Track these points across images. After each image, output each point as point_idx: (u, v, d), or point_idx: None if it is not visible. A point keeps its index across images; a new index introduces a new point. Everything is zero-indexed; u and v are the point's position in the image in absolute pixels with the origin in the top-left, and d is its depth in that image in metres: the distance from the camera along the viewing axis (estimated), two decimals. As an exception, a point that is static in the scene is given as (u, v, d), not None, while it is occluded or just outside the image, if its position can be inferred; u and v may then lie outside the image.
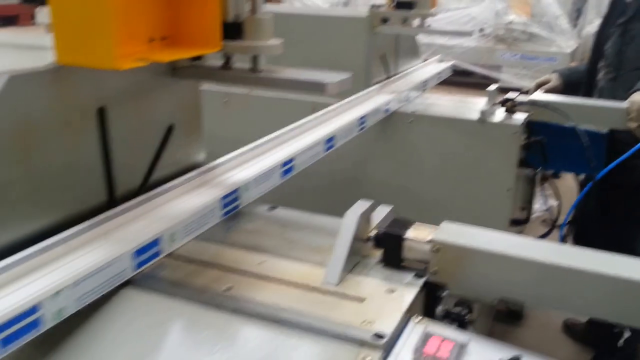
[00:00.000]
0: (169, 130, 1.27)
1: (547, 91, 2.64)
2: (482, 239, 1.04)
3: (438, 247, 1.04)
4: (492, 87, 2.28)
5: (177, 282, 1.05)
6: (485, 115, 2.16)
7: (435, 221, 1.11)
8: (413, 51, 2.97)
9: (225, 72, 1.22)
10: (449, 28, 5.44)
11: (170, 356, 0.91)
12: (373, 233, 1.12)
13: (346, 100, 1.96)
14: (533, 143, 2.21)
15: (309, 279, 1.06)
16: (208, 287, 1.03)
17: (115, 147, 1.14)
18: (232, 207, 1.21)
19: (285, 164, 1.40)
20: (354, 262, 1.11)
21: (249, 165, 1.35)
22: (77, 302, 0.89)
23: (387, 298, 1.00)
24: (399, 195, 2.27)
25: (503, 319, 2.96)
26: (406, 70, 2.72)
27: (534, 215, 2.75)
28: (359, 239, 1.11)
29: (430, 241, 1.05)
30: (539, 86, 2.73)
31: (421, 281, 1.06)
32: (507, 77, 6.01)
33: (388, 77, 2.52)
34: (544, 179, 2.39)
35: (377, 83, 2.36)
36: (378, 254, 1.13)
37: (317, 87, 1.14)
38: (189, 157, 1.37)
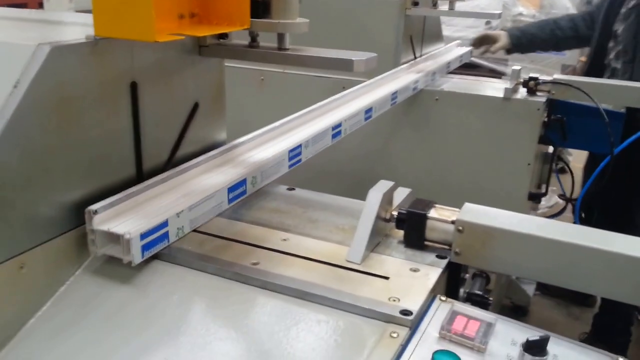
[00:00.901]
0: (195, 107, 1.28)
1: (494, 50, 2.80)
2: (506, 219, 1.05)
3: (462, 228, 1.06)
4: (516, 66, 2.39)
5: (204, 256, 1.06)
6: (509, 93, 2.26)
7: (459, 193, 1.13)
8: (437, 35, 3.04)
9: (252, 50, 1.23)
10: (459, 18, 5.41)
11: (198, 328, 0.92)
12: (395, 213, 1.14)
13: (378, 77, 2.08)
14: (553, 121, 2.31)
15: (333, 257, 1.07)
16: (235, 262, 1.04)
17: (145, 122, 1.15)
18: (296, 160, 1.40)
19: (334, 127, 1.58)
20: (376, 241, 1.12)
21: (304, 128, 1.54)
22: (190, 223, 1.11)
23: (411, 277, 1.02)
24: (424, 169, 2.41)
25: (508, 314, 2.98)
26: (431, 52, 2.80)
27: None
28: (381, 219, 1.12)
29: (454, 221, 1.06)
30: (482, 40, 2.83)
31: (444, 261, 1.07)
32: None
33: (415, 58, 2.61)
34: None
35: (404, 63, 2.44)
36: (399, 234, 1.14)
37: (345, 65, 1.15)
38: (212, 136, 1.38)
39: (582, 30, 2.70)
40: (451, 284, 1.10)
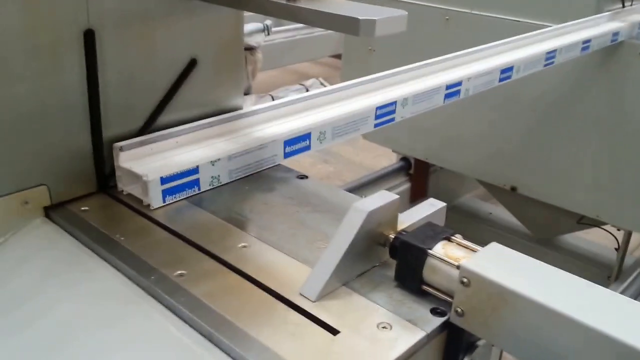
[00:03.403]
0: (190, 64, 1.04)
1: None
2: (535, 279, 0.68)
3: (467, 280, 0.70)
4: None
5: (128, 253, 0.83)
6: None
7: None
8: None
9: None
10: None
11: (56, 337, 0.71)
12: (393, 236, 0.81)
13: (570, 23, 1.86)
14: None
15: (287, 283, 0.78)
16: (157, 268, 0.80)
17: (107, 81, 0.94)
18: (388, 119, 1.25)
19: (504, 70, 1.47)
20: (363, 269, 0.81)
21: (469, 66, 1.45)
22: (230, 173, 1.02)
23: (373, 337, 0.70)
24: (610, 128, 2.12)
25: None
26: None
27: None
28: (375, 240, 0.81)
29: (459, 267, 0.71)
30: None
31: (439, 321, 0.73)
32: None
33: (623, 7, 2.20)
34: None
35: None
36: (403, 264, 0.81)
37: (349, 25, 0.82)
38: (223, 99, 1.13)
39: None
40: (452, 353, 0.76)
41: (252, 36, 3.67)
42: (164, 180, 0.93)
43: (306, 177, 1.09)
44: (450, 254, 0.75)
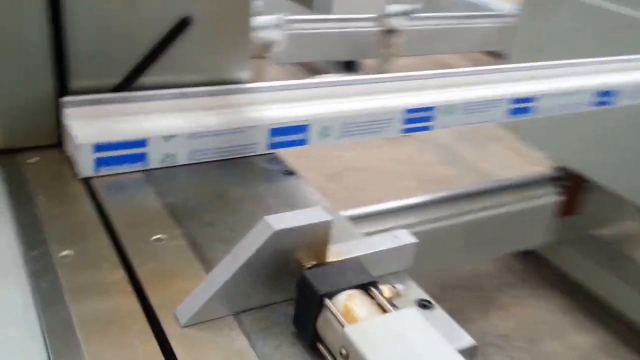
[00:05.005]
0: (182, 23, 0.93)
1: None
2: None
3: (346, 351, 0.52)
4: None
5: (34, 220, 0.75)
6: None
7: None
8: None
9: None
10: None
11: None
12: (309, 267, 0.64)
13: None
14: None
15: (172, 296, 0.65)
16: (47, 243, 0.71)
17: (79, 24, 0.86)
18: (419, 126, 1.06)
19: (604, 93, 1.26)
20: (266, 300, 0.66)
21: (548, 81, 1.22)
22: (190, 153, 0.89)
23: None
24: None
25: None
26: None
27: None
28: (287, 268, 0.65)
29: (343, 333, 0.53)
30: None
31: (315, 393, 0.56)
32: None
33: None
34: None
35: None
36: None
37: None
38: (223, 69, 1.00)
39: None
40: None
41: (394, 18, 3.47)
42: (99, 148, 0.82)
43: (293, 173, 0.94)
44: (349, 309, 0.57)
